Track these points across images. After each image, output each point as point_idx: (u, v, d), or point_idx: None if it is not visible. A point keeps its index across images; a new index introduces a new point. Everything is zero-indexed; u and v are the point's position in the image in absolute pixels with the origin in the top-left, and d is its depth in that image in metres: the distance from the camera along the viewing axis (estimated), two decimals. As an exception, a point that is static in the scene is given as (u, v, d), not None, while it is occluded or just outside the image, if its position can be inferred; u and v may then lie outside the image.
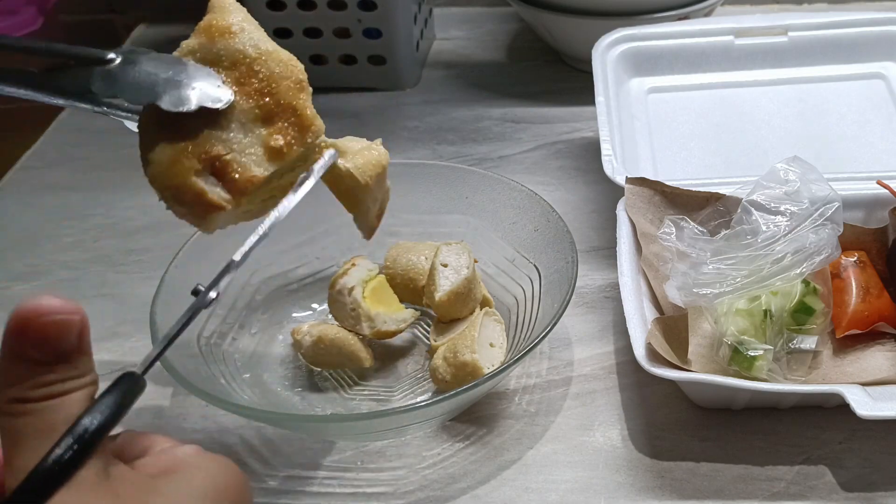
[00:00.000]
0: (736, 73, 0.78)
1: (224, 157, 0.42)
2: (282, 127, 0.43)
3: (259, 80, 0.43)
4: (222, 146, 0.42)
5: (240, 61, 0.43)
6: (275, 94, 0.44)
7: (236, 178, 0.42)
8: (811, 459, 0.53)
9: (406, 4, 0.88)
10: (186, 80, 0.42)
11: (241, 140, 0.43)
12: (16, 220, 0.78)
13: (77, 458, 0.32)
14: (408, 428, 0.55)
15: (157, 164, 0.42)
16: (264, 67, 0.44)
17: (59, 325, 0.33)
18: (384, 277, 0.61)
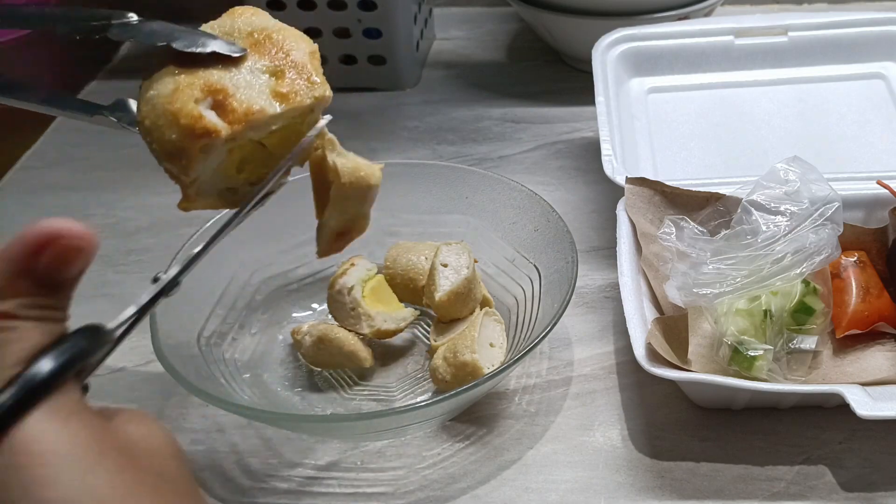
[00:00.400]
0: (736, 73, 0.78)
1: (228, 92, 0.42)
2: (291, 79, 0.44)
3: (274, 44, 0.44)
4: (229, 83, 0.42)
5: (257, 31, 0.45)
6: (288, 54, 0.44)
7: (237, 107, 0.42)
8: (811, 459, 0.53)
9: (406, 4, 0.88)
10: (201, 34, 0.44)
11: (248, 82, 0.43)
12: (16, 220, 0.78)
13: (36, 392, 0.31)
14: (408, 428, 0.55)
15: (157, 96, 0.42)
16: (280, 36, 0.45)
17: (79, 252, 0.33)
18: (383, 277, 0.61)
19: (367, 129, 0.87)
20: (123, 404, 0.60)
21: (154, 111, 0.41)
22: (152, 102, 0.42)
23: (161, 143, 0.42)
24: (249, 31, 0.45)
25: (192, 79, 0.42)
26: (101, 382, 0.62)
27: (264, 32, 0.45)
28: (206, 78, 0.42)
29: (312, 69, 0.45)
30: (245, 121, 0.41)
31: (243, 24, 0.45)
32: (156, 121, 0.41)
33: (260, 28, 0.45)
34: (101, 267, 0.72)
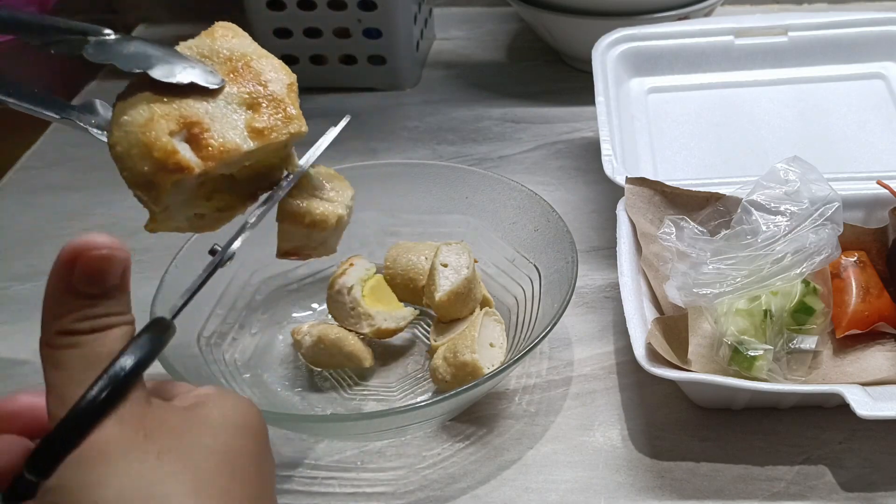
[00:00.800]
0: (736, 73, 0.78)
1: (204, 125, 0.41)
2: (267, 114, 0.43)
3: (252, 73, 0.44)
4: (205, 116, 0.41)
5: (236, 58, 0.44)
6: (266, 86, 0.44)
7: (213, 143, 0.41)
8: (811, 459, 0.53)
9: (406, 4, 0.88)
10: (179, 60, 0.42)
11: (224, 115, 0.42)
12: (16, 220, 0.78)
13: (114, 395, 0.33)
14: (408, 428, 0.55)
15: (131, 123, 0.41)
16: (259, 65, 0.44)
17: (108, 260, 0.34)
18: (382, 276, 0.61)
19: (367, 129, 0.87)
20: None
21: (127, 138, 0.41)
22: (125, 129, 0.41)
23: (132, 173, 0.41)
24: (228, 57, 0.44)
25: (168, 109, 0.41)
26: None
27: (243, 59, 0.44)
28: (182, 109, 0.41)
29: (290, 102, 0.44)
30: (219, 158, 0.41)
31: (222, 48, 0.44)
32: (128, 149, 0.41)
33: (239, 54, 0.44)
34: (101, 267, 0.72)
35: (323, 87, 0.92)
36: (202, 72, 0.42)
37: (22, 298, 0.70)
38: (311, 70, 0.92)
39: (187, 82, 0.42)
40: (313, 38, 0.90)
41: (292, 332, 0.60)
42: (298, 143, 0.45)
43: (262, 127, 0.43)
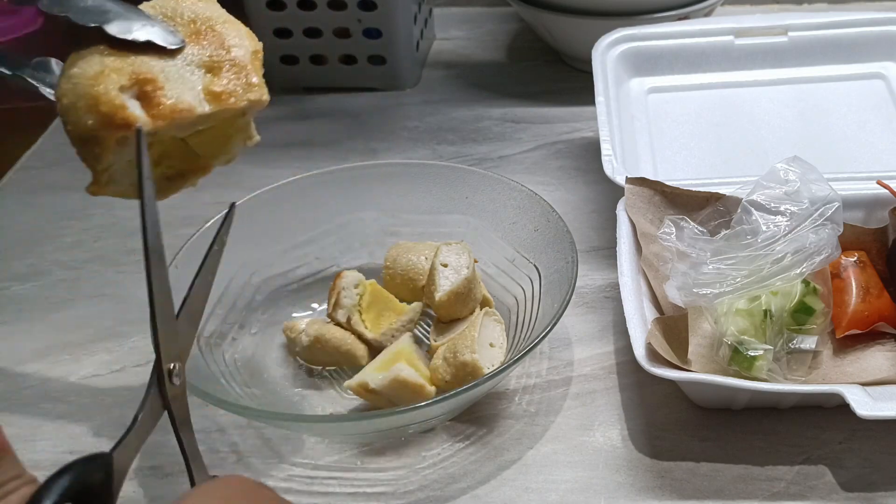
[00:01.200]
0: (736, 73, 0.78)
1: (157, 83, 0.39)
2: (227, 78, 0.41)
3: (216, 37, 0.42)
4: (160, 74, 0.39)
5: (201, 20, 0.42)
6: (229, 51, 0.42)
7: (164, 101, 0.39)
8: (811, 459, 0.53)
9: (406, 4, 0.88)
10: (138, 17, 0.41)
11: (181, 75, 0.40)
12: (16, 220, 0.78)
13: None
14: (408, 428, 0.55)
15: (81, 75, 0.39)
16: (224, 29, 0.43)
17: None
18: (374, 283, 0.61)
19: (367, 129, 0.87)
20: (123, 404, 0.60)
21: (74, 90, 0.39)
22: (73, 81, 0.39)
23: (76, 126, 0.39)
24: (192, 19, 0.42)
25: (121, 63, 0.39)
26: (102, 383, 0.62)
27: (208, 23, 0.42)
28: (136, 65, 0.39)
29: (252, 70, 0.42)
30: (170, 117, 0.39)
31: (187, 10, 0.42)
32: (75, 101, 0.39)
33: (204, 17, 0.42)
34: (101, 267, 0.72)
35: (323, 87, 0.92)
36: (161, 30, 0.40)
37: (22, 298, 0.70)
38: (311, 70, 0.92)
39: (144, 40, 0.40)
40: (313, 38, 0.90)
41: (285, 330, 0.60)
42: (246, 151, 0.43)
43: (219, 91, 0.41)
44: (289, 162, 0.80)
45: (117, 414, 0.59)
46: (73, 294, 0.70)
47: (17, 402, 0.61)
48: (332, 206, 0.66)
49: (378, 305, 0.60)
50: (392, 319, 0.60)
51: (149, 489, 0.54)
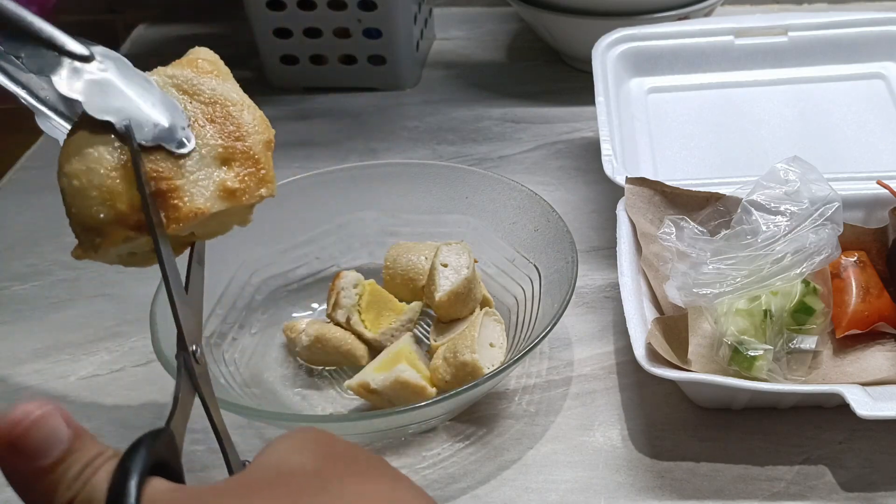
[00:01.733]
0: (736, 73, 0.78)
1: (173, 183, 0.39)
2: (240, 172, 0.41)
3: (233, 123, 0.42)
4: (176, 172, 0.39)
5: (219, 102, 0.42)
6: (244, 140, 0.42)
7: (181, 205, 0.39)
8: (811, 459, 0.53)
9: (406, 4, 0.88)
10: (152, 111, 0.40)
11: (196, 171, 0.40)
12: (16, 220, 0.78)
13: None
14: (408, 428, 0.55)
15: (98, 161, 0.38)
16: (241, 115, 0.42)
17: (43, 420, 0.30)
18: (374, 283, 0.61)
19: (367, 129, 0.87)
20: (123, 404, 0.60)
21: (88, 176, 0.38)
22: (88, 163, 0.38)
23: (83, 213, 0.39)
24: (211, 99, 0.42)
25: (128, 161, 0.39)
26: (102, 383, 0.62)
27: (225, 106, 0.42)
28: (155, 162, 0.39)
29: (265, 163, 0.42)
30: (187, 220, 0.39)
31: (206, 88, 0.42)
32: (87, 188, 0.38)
33: (222, 100, 0.42)
34: (101, 267, 0.72)
35: (323, 87, 0.92)
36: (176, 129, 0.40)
37: (22, 298, 0.70)
38: (311, 70, 0.92)
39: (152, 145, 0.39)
40: (313, 38, 0.90)
41: (285, 330, 0.60)
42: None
43: (234, 188, 0.41)
44: (289, 162, 0.80)
45: (117, 414, 0.59)
46: (73, 294, 0.70)
47: (17, 402, 0.60)
48: (332, 206, 0.66)
49: (377, 305, 0.60)
50: (391, 319, 0.60)
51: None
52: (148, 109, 0.40)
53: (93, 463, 0.30)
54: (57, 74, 0.39)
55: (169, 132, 0.40)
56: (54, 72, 0.39)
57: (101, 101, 0.39)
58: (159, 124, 0.39)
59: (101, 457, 0.31)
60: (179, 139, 0.40)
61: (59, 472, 0.30)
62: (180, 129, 0.40)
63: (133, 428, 0.58)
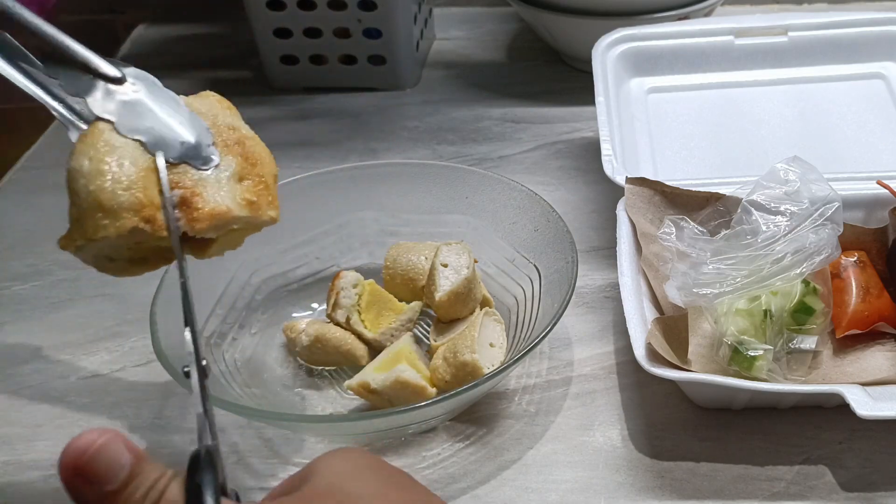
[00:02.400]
0: (736, 73, 0.78)
1: (195, 190, 0.41)
2: (255, 190, 0.44)
3: (246, 151, 0.44)
4: (197, 182, 0.42)
5: (236, 130, 0.45)
6: (256, 167, 0.44)
7: (203, 207, 0.41)
8: (811, 459, 0.53)
9: (406, 4, 0.88)
10: (180, 129, 0.42)
11: (216, 181, 0.42)
12: (16, 220, 0.78)
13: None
14: (408, 428, 0.55)
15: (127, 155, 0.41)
16: (255, 146, 0.45)
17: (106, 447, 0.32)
18: (373, 283, 0.61)
19: (367, 129, 0.87)
20: (123, 404, 0.60)
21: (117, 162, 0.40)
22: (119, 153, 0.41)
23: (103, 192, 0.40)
24: (230, 126, 0.45)
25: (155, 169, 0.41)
26: (102, 383, 0.62)
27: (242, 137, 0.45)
28: (177, 175, 0.41)
29: (273, 192, 0.45)
30: (209, 220, 0.41)
31: (226, 118, 0.45)
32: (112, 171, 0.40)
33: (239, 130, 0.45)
34: (101, 267, 0.72)
35: (323, 87, 0.92)
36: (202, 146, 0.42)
37: (22, 298, 0.70)
38: (311, 70, 0.92)
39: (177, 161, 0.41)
40: (313, 38, 0.90)
41: (285, 330, 0.60)
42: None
43: (252, 200, 0.43)
44: (289, 162, 0.80)
45: (117, 414, 0.59)
46: (73, 294, 0.70)
47: (17, 402, 0.61)
48: (332, 206, 0.66)
49: (377, 305, 0.60)
50: (391, 319, 0.60)
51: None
52: (176, 128, 0.42)
53: (156, 485, 0.32)
54: (91, 96, 0.42)
55: (195, 149, 0.42)
56: (89, 94, 0.42)
57: (132, 121, 0.42)
58: (187, 142, 0.42)
59: (164, 478, 0.32)
60: (205, 156, 0.42)
61: (124, 495, 0.31)
62: (206, 147, 0.43)
63: (133, 428, 0.58)
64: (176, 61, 0.98)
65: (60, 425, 0.59)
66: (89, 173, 0.41)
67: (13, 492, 0.55)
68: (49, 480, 0.55)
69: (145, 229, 0.40)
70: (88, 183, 0.41)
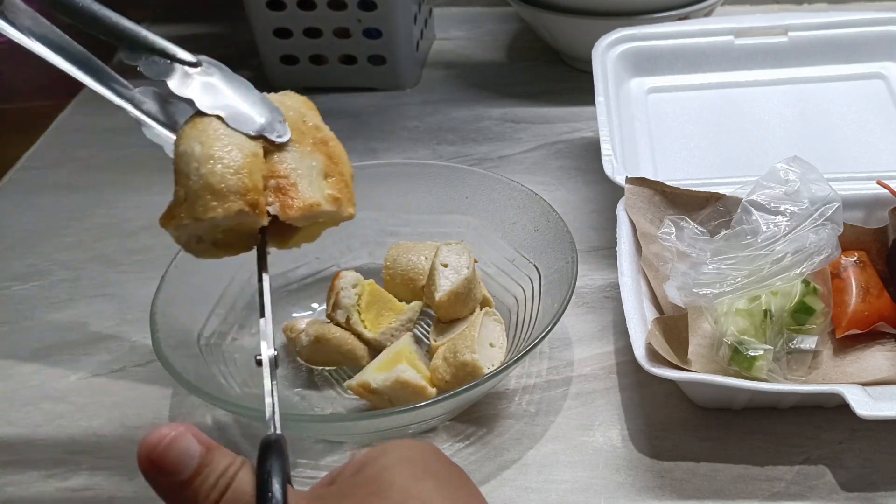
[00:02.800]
0: (736, 73, 0.78)
1: (290, 179, 0.45)
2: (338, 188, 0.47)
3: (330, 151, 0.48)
4: (292, 172, 0.45)
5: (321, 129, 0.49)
6: (339, 165, 0.48)
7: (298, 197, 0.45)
8: (811, 459, 0.53)
9: (406, 4, 0.88)
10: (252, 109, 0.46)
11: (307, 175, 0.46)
12: (16, 220, 0.78)
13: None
14: (408, 428, 0.55)
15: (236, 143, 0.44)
16: (335, 148, 0.49)
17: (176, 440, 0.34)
18: (373, 283, 0.61)
19: (367, 129, 0.87)
20: (123, 404, 0.60)
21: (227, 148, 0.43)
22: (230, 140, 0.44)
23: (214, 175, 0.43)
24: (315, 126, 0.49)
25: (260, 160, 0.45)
26: (103, 383, 0.62)
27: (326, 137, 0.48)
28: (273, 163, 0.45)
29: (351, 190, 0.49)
30: (302, 211, 0.45)
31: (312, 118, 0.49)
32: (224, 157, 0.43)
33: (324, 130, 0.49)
34: (101, 267, 0.72)
35: (323, 87, 0.92)
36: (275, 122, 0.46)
37: (22, 298, 0.70)
38: (311, 70, 0.92)
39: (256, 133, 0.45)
40: (313, 38, 0.90)
41: (285, 330, 0.60)
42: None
43: (337, 196, 0.47)
44: (289, 162, 0.80)
45: (117, 414, 0.59)
46: (73, 294, 0.70)
47: (17, 402, 0.61)
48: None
49: (377, 305, 0.60)
50: (391, 319, 0.60)
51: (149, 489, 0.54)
52: (249, 107, 0.46)
53: (226, 472, 0.34)
54: (171, 78, 0.46)
55: (269, 125, 0.45)
56: (169, 76, 0.46)
57: (210, 99, 0.45)
58: (260, 119, 0.45)
59: (233, 466, 0.35)
60: (279, 131, 0.46)
61: (196, 483, 0.34)
62: (278, 124, 0.46)
63: (133, 428, 0.58)
64: (176, 61, 0.98)
65: (60, 425, 0.59)
66: (201, 157, 0.44)
67: (13, 492, 0.55)
68: (49, 480, 0.55)
69: (248, 213, 0.43)
70: (200, 166, 0.43)
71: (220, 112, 0.45)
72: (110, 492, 0.54)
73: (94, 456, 0.56)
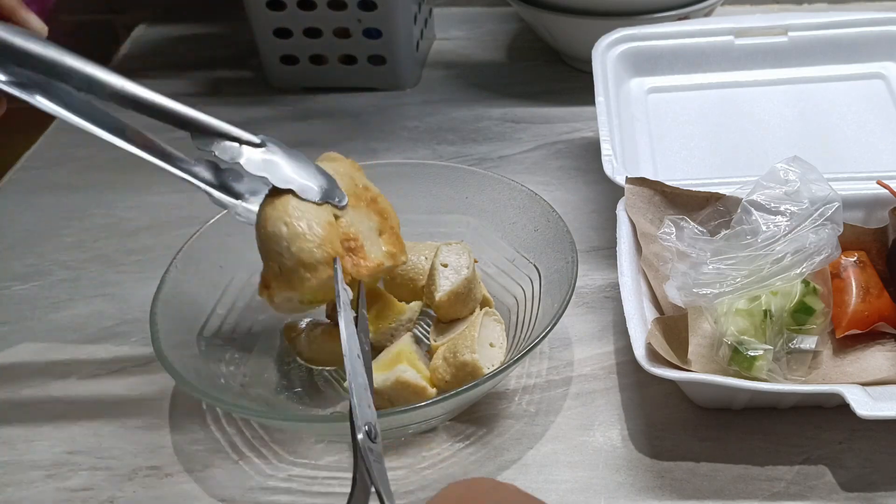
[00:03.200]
0: (736, 73, 0.78)
1: (359, 241, 0.52)
2: (391, 242, 0.55)
3: (380, 207, 0.55)
4: (360, 235, 0.52)
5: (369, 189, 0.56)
6: (388, 220, 0.55)
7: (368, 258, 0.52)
8: (811, 459, 0.53)
9: (406, 4, 0.88)
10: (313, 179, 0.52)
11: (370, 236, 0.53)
12: (16, 220, 0.78)
13: None
14: (408, 428, 0.55)
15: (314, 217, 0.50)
16: (383, 203, 0.56)
17: None
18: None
19: (367, 129, 0.87)
20: (123, 404, 0.60)
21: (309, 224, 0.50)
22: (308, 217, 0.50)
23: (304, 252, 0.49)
24: (366, 186, 0.55)
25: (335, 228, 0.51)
26: (103, 383, 0.62)
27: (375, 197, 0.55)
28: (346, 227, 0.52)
29: (401, 240, 0.56)
30: (373, 271, 0.52)
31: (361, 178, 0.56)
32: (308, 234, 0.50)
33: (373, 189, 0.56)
34: (101, 267, 0.72)
35: (323, 87, 0.93)
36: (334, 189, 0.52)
37: (22, 298, 0.70)
38: (311, 70, 0.92)
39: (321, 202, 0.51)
40: (313, 38, 0.90)
41: (285, 330, 0.60)
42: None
43: (393, 252, 0.54)
44: (289, 162, 0.80)
45: (117, 414, 0.59)
46: (73, 294, 0.70)
47: (17, 402, 0.61)
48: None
49: (376, 305, 0.60)
50: (391, 319, 0.60)
51: (149, 489, 0.54)
52: (310, 178, 0.52)
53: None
54: (244, 159, 0.51)
55: (330, 192, 0.52)
56: (241, 157, 0.51)
57: (280, 175, 0.51)
58: (321, 188, 0.52)
59: None
60: (338, 196, 0.52)
61: None
62: (336, 190, 0.53)
63: (133, 428, 0.58)
64: (176, 61, 0.98)
65: (60, 425, 0.59)
66: (290, 237, 0.50)
67: (13, 492, 0.55)
68: (49, 480, 0.55)
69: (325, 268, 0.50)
70: (290, 245, 0.50)
71: (291, 186, 0.51)
72: (110, 492, 0.54)
73: (94, 456, 0.56)
